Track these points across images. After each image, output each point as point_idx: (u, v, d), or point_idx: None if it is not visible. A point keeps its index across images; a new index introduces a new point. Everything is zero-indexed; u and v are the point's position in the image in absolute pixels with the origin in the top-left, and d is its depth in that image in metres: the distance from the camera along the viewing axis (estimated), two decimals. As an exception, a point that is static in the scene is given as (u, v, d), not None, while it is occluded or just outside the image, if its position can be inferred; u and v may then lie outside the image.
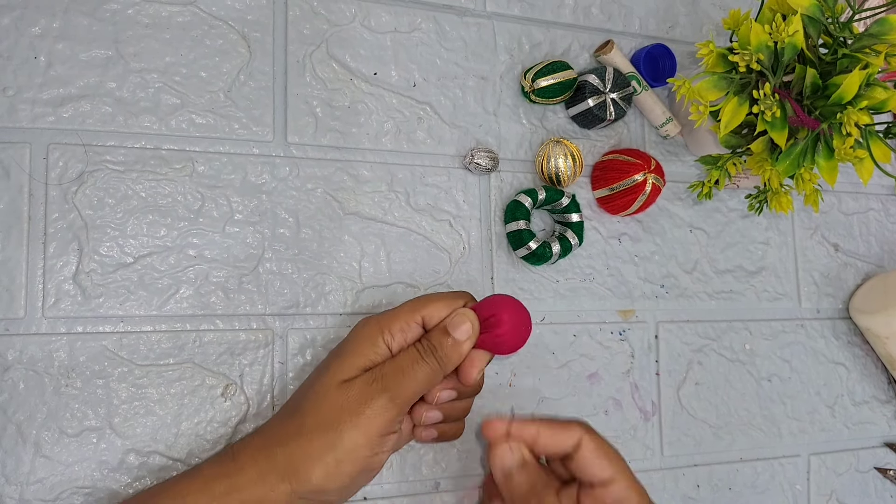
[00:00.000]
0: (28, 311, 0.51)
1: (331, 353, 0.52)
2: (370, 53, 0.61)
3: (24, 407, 0.50)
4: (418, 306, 0.51)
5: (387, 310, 0.53)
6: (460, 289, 0.61)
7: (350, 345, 0.51)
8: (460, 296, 0.53)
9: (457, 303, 0.52)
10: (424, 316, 0.51)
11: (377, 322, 0.51)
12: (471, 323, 0.51)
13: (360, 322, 0.52)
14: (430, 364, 0.50)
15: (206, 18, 0.57)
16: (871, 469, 0.75)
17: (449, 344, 0.50)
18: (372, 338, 0.50)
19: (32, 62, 0.52)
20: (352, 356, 0.49)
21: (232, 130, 0.56)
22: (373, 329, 0.50)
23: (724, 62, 0.59)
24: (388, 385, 0.48)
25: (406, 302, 0.52)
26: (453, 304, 0.52)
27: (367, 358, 0.49)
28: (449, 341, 0.50)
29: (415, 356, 0.50)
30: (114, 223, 0.53)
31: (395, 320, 0.51)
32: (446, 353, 0.50)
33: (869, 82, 0.56)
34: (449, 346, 0.50)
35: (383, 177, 0.60)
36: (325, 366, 0.51)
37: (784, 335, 0.73)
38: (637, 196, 0.63)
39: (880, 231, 0.79)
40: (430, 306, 0.51)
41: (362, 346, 0.50)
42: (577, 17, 0.68)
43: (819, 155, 0.59)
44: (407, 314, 0.51)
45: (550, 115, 0.66)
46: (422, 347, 0.50)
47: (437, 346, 0.50)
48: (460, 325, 0.51)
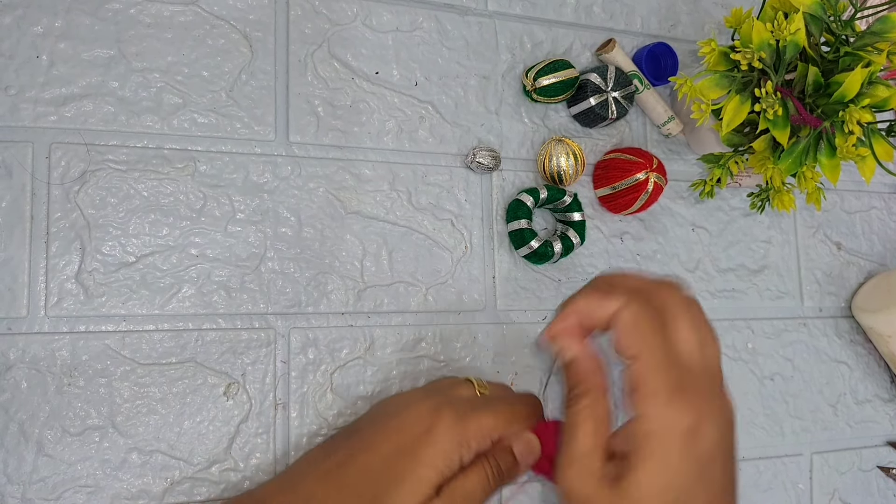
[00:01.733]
0: (30, 311, 0.51)
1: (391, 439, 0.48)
2: (372, 52, 0.61)
3: (26, 406, 0.50)
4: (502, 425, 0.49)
5: (456, 400, 0.50)
6: (461, 289, 0.61)
7: (427, 450, 0.47)
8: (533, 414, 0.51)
9: (532, 418, 0.51)
10: (503, 436, 0.49)
11: (458, 430, 0.47)
12: (531, 446, 0.50)
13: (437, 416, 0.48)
14: (495, 485, 0.49)
15: (207, 18, 0.57)
16: (874, 468, 0.75)
17: (514, 469, 0.50)
18: (449, 450, 0.47)
19: (35, 61, 0.53)
20: (426, 469, 0.46)
21: (234, 130, 0.57)
22: (452, 440, 0.47)
23: (725, 60, 0.59)
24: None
25: (486, 408, 0.49)
26: (530, 419, 0.51)
27: (441, 473, 0.46)
28: (514, 466, 0.50)
29: (485, 483, 0.48)
30: (116, 222, 0.53)
31: (474, 440, 0.48)
32: (510, 476, 0.50)
33: (871, 80, 0.56)
34: (514, 471, 0.50)
35: (385, 176, 0.60)
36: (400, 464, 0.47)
37: (786, 334, 0.73)
38: (639, 195, 0.63)
39: (883, 229, 0.79)
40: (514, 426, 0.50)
41: (439, 459, 0.46)
42: (578, 15, 0.68)
43: (821, 153, 0.59)
44: (489, 430, 0.48)
45: (552, 113, 0.66)
46: (493, 474, 0.48)
47: (506, 475, 0.49)
48: (529, 457, 0.50)
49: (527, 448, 0.50)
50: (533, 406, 0.52)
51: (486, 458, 0.49)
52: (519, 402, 0.52)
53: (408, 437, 0.48)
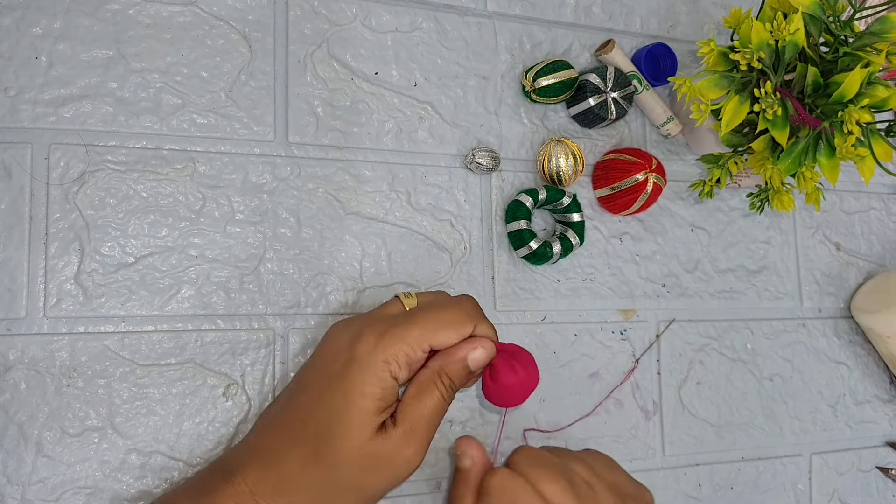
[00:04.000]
0: (29, 311, 0.51)
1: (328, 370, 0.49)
2: (371, 53, 0.61)
3: (25, 407, 0.50)
4: (428, 334, 0.48)
5: (378, 320, 0.49)
6: (460, 289, 0.61)
7: (354, 378, 0.47)
8: (466, 318, 0.50)
9: (465, 328, 0.50)
10: (434, 344, 0.49)
11: (383, 349, 0.47)
12: (488, 357, 0.50)
13: (362, 340, 0.48)
14: (451, 399, 0.49)
15: (206, 18, 0.57)
16: (874, 468, 0.75)
17: (467, 377, 0.50)
18: (377, 372, 0.46)
19: (34, 62, 0.52)
20: (362, 398, 0.46)
21: (233, 130, 0.57)
22: (378, 359, 0.47)
23: (725, 61, 0.59)
24: (421, 438, 0.47)
25: (409, 321, 0.49)
26: (462, 329, 0.49)
27: (377, 398, 0.46)
28: (467, 374, 0.50)
29: (440, 399, 0.48)
30: (115, 223, 0.53)
31: (401, 349, 0.47)
32: (462, 385, 0.50)
33: (870, 81, 0.56)
34: (466, 379, 0.50)
35: (384, 176, 0.60)
36: (336, 400, 0.47)
37: (786, 334, 0.73)
38: (638, 195, 0.63)
39: (882, 230, 0.79)
40: (442, 334, 0.49)
41: (369, 384, 0.46)
42: (578, 16, 0.68)
43: (820, 153, 0.59)
44: (416, 342, 0.48)
45: (551, 114, 0.66)
46: (444, 388, 0.48)
47: (457, 382, 0.49)
48: (481, 362, 0.50)
49: (480, 354, 0.49)
50: (466, 307, 0.51)
51: (437, 374, 0.49)
52: (447, 308, 0.50)
53: (334, 368, 0.48)
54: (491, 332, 0.51)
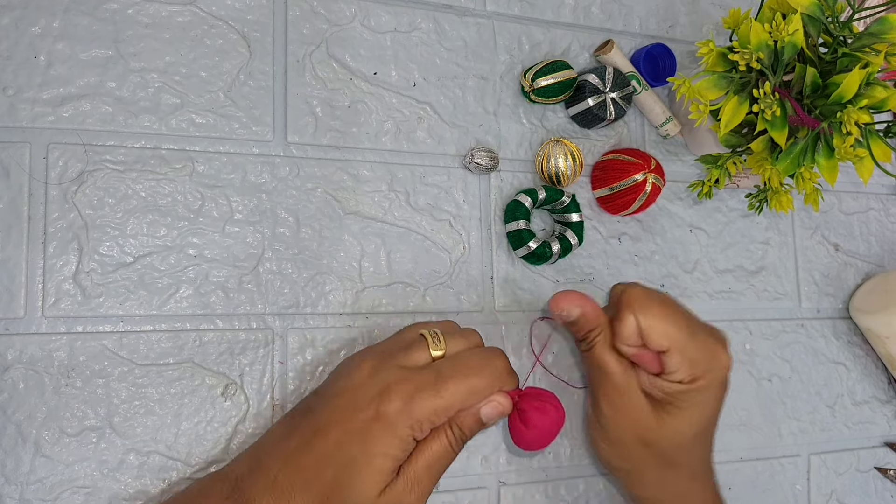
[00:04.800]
0: (28, 311, 0.51)
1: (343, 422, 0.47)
2: (370, 53, 0.61)
3: (23, 406, 0.50)
4: (455, 404, 0.47)
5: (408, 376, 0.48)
6: (459, 290, 0.61)
7: (378, 438, 0.46)
8: (496, 383, 0.49)
9: (490, 393, 0.49)
10: (460, 410, 0.48)
11: (408, 415, 0.46)
12: (506, 412, 0.50)
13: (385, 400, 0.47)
14: (459, 450, 0.49)
15: (205, 18, 0.57)
16: (872, 469, 0.75)
17: (478, 429, 0.50)
18: (402, 436, 0.46)
19: (32, 62, 0.52)
20: (383, 459, 0.46)
21: (232, 130, 0.57)
22: (404, 426, 0.46)
23: (724, 61, 0.59)
24: (424, 485, 0.47)
25: (440, 388, 0.47)
26: (487, 394, 0.49)
27: (397, 459, 0.47)
28: (478, 427, 0.49)
29: (447, 449, 0.48)
30: (114, 223, 0.53)
31: (428, 418, 0.47)
32: (473, 436, 0.50)
33: (869, 81, 0.56)
34: (477, 431, 0.50)
35: (383, 176, 0.60)
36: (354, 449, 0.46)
37: (784, 335, 0.73)
38: (637, 196, 0.63)
39: (881, 231, 0.79)
40: (470, 401, 0.48)
41: (392, 448, 0.46)
42: (577, 16, 0.68)
43: (819, 154, 0.59)
44: (444, 412, 0.47)
45: (550, 114, 0.66)
46: (453, 438, 0.48)
47: (468, 434, 0.49)
48: (494, 415, 0.49)
49: (494, 410, 0.49)
50: (494, 369, 0.50)
51: (448, 423, 0.48)
52: (478, 370, 0.49)
53: (356, 421, 0.47)
54: (514, 385, 0.51)
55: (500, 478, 0.60)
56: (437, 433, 0.48)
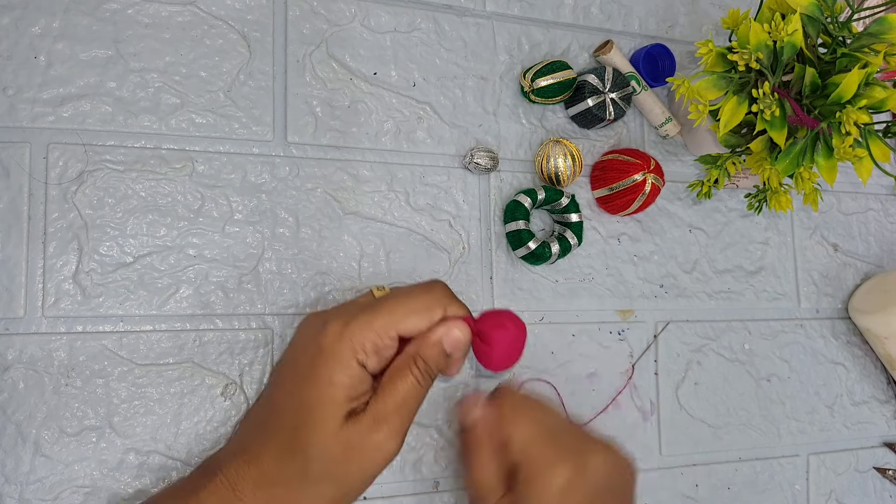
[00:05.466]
0: (28, 311, 0.51)
1: (298, 362, 0.49)
2: (370, 53, 0.61)
3: (23, 406, 0.50)
4: (395, 320, 0.47)
5: (346, 310, 0.49)
6: (459, 289, 0.61)
7: (321, 369, 0.46)
8: (435, 302, 0.49)
9: (434, 312, 0.48)
10: (402, 331, 0.48)
11: (349, 337, 0.46)
12: (466, 338, 0.49)
13: (329, 329, 0.47)
14: (427, 385, 0.49)
15: (205, 18, 0.57)
16: (871, 469, 0.75)
17: (443, 360, 0.49)
18: (344, 360, 0.46)
19: (32, 62, 0.52)
20: (330, 387, 0.46)
21: (232, 130, 0.57)
22: (345, 347, 0.46)
23: (723, 61, 0.59)
24: (394, 425, 0.47)
25: (375, 308, 0.48)
26: (430, 314, 0.48)
27: (345, 386, 0.46)
28: (443, 356, 0.49)
29: (414, 384, 0.47)
30: (114, 223, 0.53)
31: (367, 336, 0.47)
32: (440, 369, 0.49)
33: (868, 81, 0.56)
34: (443, 362, 0.49)
35: (383, 176, 0.60)
36: (305, 391, 0.47)
37: (783, 335, 0.73)
38: (636, 196, 0.63)
39: (879, 231, 0.79)
40: (409, 319, 0.48)
41: (336, 373, 0.46)
42: (576, 16, 0.68)
43: (818, 154, 0.59)
44: (383, 329, 0.47)
45: (550, 114, 0.66)
46: (419, 373, 0.48)
47: (433, 366, 0.48)
48: (457, 342, 0.49)
49: (455, 335, 0.48)
50: (434, 292, 0.49)
51: (412, 359, 0.48)
52: (415, 294, 0.49)
53: (303, 361, 0.48)
54: (463, 311, 0.50)
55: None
56: (401, 370, 0.48)
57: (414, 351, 0.48)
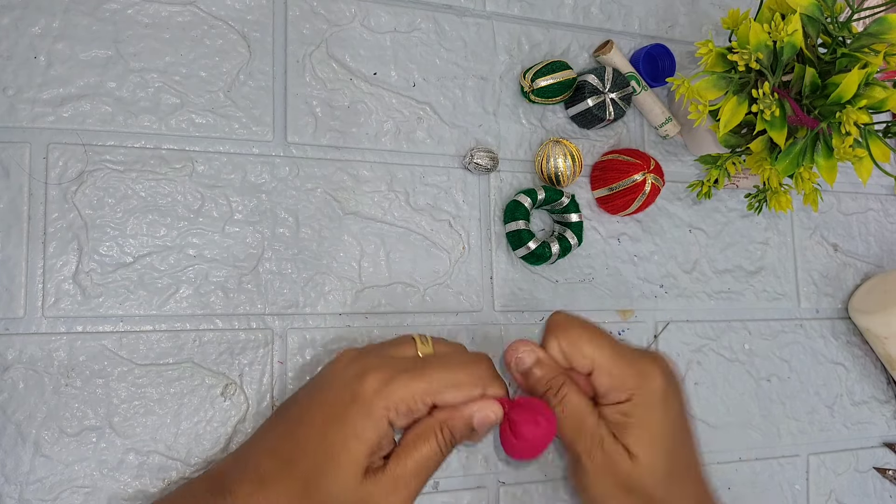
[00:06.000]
0: (28, 311, 0.51)
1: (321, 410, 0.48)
2: (370, 53, 0.61)
3: (23, 406, 0.50)
4: (434, 390, 0.47)
5: (387, 364, 0.48)
6: (459, 290, 0.61)
7: (353, 420, 0.46)
8: (478, 380, 0.49)
9: (474, 391, 0.48)
10: (439, 402, 0.47)
11: (384, 395, 0.46)
12: (497, 421, 0.49)
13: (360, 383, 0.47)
14: (447, 453, 0.48)
15: (205, 18, 0.57)
16: (871, 469, 0.75)
17: (469, 435, 0.49)
18: (376, 417, 0.46)
19: (32, 62, 0.52)
20: (357, 441, 0.45)
21: (232, 130, 0.57)
22: (378, 406, 0.46)
23: (723, 61, 0.59)
24: (411, 487, 0.46)
25: (417, 373, 0.47)
26: (470, 391, 0.48)
27: (371, 443, 0.46)
28: (469, 433, 0.49)
29: (436, 452, 0.47)
30: (113, 223, 0.53)
31: (404, 399, 0.46)
32: (463, 441, 0.49)
33: (868, 81, 0.56)
34: (468, 437, 0.49)
35: (383, 177, 0.60)
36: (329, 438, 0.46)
37: (783, 335, 0.73)
38: (636, 196, 0.63)
39: (879, 231, 0.79)
40: (449, 394, 0.47)
41: (367, 429, 0.45)
42: (576, 16, 0.68)
43: (818, 154, 0.59)
44: (420, 396, 0.46)
45: (550, 114, 0.66)
46: (443, 441, 0.47)
47: (458, 438, 0.48)
48: (488, 423, 0.48)
49: (486, 416, 0.48)
50: (479, 368, 0.49)
51: (439, 426, 0.48)
52: (460, 367, 0.49)
53: (335, 407, 0.47)
54: (502, 391, 0.50)
55: (499, 478, 0.60)
56: (426, 435, 0.47)
57: (442, 419, 0.48)
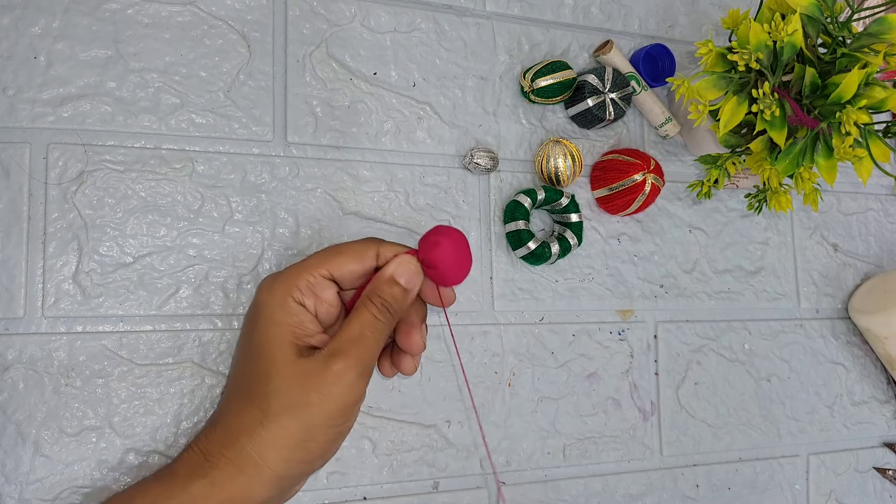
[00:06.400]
0: (28, 311, 0.51)
1: (245, 325, 0.50)
2: (370, 53, 0.61)
3: (23, 406, 0.50)
4: (324, 260, 0.49)
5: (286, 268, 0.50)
6: (458, 289, 0.61)
7: (262, 315, 0.48)
8: (366, 245, 0.50)
9: (366, 254, 0.50)
10: (333, 271, 0.49)
11: (281, 282, 0.48)
12: (416, 266, 0.50)
13: (262, 285, 0.49)
14: (387, 320, 0.48)
15: (205, 18, 0.57)
16: (871, 469, 0.75)
17: (400, 294, 0.49)
18: (279, 300, 0.48)
19: (32, 62, 0.52)
20: (274, 327, 0.47)
21: (232, 130, 0.57)
22: (278, 291, 0.48)
23: (723, 61, 0.59)
24: (352, 357, 0.46)
25: (307, 256, 0.50)
26: (362, 255, 0.50)
27: (289, 325, 0.47)
28: (399, 291, 0.49)
29: (371, 319, 0.48)
30: (113, 223, 0.53)
31: (300, 276, 0.48)
32: (400, 305, 0.49)
33: (868, 81, 0.56)
34: (401, 297, 0.49)
35: (383, 177, 0.60)
36: (254, 341, 0.48)
37: (783, 335, 0.73)
38: (636, 196, 0.63)
39: (879, 231, 0.79)
40: (339, 259, 0.49)
41: (276, 314, 0.47)
42: (576, 16, 0.68)
43: (818, 154, 0.59)
44: (312, 268, 0.49)
45: (550, 114, 0.66)
46: (375, 307, 0.48)
47: (390, 301, 0.49)
48: (408, 273, 0.49)
49: (404, 267, 0.49)
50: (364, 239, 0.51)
51: (367, 297, 0.48)
52: (347, 242, 0.51)
53: (247, 320, 0.50)
54: (397, 249, 0.51)
55: (500, 478, 0.60)
56: (358, 309, 0.48)
57: (369, 290, 0.49)
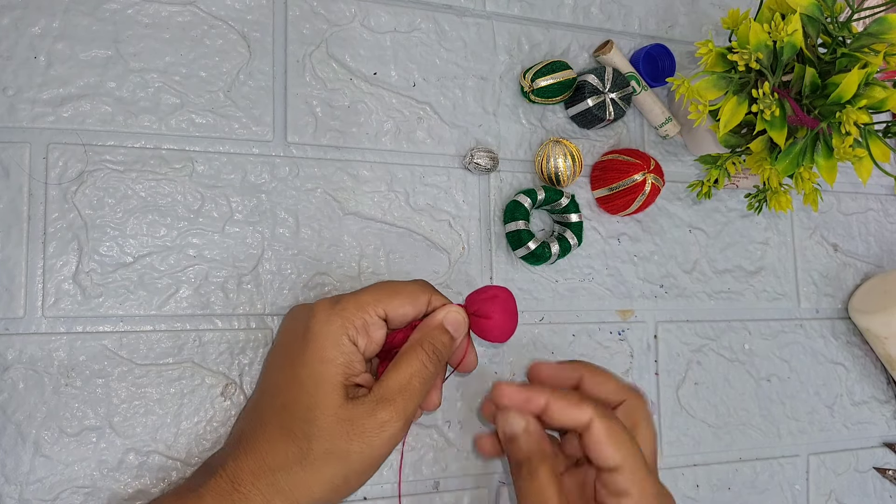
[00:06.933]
0: (28, 311, 0.51)
1: (290, 345, 0.49)
2: (370, 53, 0.61)
3: (23, 406, 0.50)
4: (380, 299, 0.49)
5: (334, 298, 0.49)
6: (459, 289, 0.61)
7: (313, 347, 0.47)
8: (420, 290, 0.51)
9: (419, 299, 0.50)
10: (389, 312, 0.49)
11: (338, 315, 0.47)
12: (463, 318, 0.51)
13: (317, 310, 0.48)
14: (435, 369, 0.48)
15: (205, 18, 0.57)
16: (871, 469, 0.75)
17: (449, 343, 0.50)
18: (334, 337, 0.47)
19: (32, 62, 0.52)
20: (323, 364, 0.46)
21: (232, 130, 0.57)
22: (334, 325, 0.47)
23: (723, 61, 0.59)
24: (399, 407, 0.46)
25: (361, 290, 0.50)
26: (415, 299, 0.50)
27: (339, 364, 0.47)
28: (448, 340, 0.50)
29: (420, 366, 0.48)
30: (113, 223, 0.53)
31: (356, 315, 0.48)
32: (447, 354, 0.50)
33: (868, 81, 0.56)
34: (449, 346, 0.50)
35: (383, 177, 0.60)
36: (300, 372, 0.47)
37: (783, 335, 0.73)
38: (636, 196, 0.63)
39: (879, 231, 0.79)
40: (395, 301, 0.49)
41: (328, 351, 0.47)
42: (576, 16, 0.68)
43: (818, 154, 0.59)
44: (369, 307, 0.48)
45: (550, 114, 0.66)
46: (426, 354, 0.48)
47: (441, 349, 0.49)
48: (457, 322, 0.50)
49: (453, 318, 0.50)
50: (417, 282, 0.51)
51: (418, 343, 0.49)
52: (400, 282, 0.51)
53: (294, 345, 0.48)
54: (446, 300, 0.52)
55: (500, 478, 0.60)
56: (407, 353, 0.48)
57: (419, 337, 0.49)
